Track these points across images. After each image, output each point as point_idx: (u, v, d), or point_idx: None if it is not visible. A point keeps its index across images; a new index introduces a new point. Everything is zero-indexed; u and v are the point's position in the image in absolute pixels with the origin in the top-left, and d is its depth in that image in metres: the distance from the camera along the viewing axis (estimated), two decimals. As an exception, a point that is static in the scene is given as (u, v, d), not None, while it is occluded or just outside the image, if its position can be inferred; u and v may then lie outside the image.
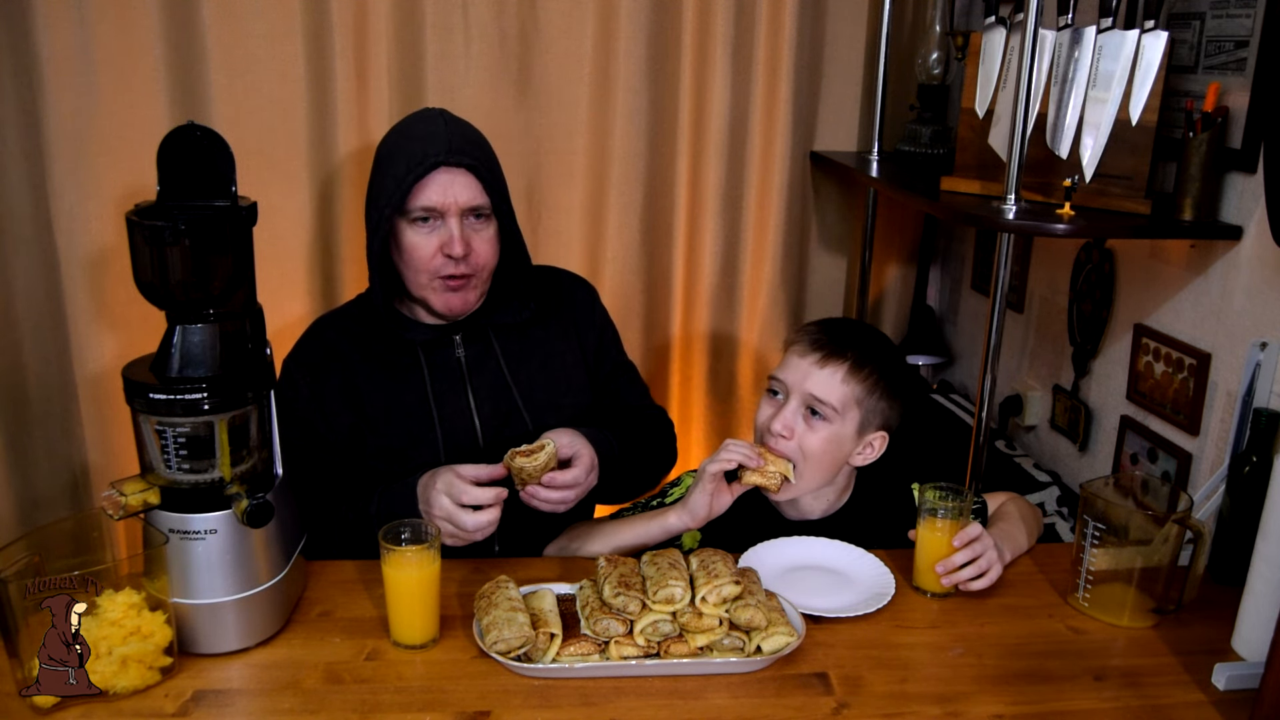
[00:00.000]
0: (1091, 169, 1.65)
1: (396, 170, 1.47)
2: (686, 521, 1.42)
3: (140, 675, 1.15)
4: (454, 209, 1.48)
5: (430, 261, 1.49)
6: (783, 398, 1.48)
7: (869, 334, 1.54)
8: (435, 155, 1.46)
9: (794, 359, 1.47)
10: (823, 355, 1.45)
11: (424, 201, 1.47)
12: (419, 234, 1.49)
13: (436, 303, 1.53)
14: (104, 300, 2.04)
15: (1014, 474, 2.03)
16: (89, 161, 1.97)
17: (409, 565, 1.23)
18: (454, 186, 1.47)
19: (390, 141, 1.54)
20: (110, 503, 1.18)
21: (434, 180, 1.47)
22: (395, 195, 1.46)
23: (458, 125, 1.53)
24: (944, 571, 1.36)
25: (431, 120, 1.52)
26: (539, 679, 1.20)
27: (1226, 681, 1.20)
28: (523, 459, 1.39)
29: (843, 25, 2.32)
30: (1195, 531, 1.30)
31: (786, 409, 1.46)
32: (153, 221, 1.15)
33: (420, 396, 1.56)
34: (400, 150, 1.49)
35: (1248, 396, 1.47)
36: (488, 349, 1.60)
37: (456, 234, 1.48)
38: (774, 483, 1.39)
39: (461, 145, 1.48)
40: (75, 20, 1.91)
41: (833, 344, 1.46)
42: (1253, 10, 1.51)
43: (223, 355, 1.20)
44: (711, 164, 2.27)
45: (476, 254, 1.51)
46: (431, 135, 1.48)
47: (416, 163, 1.45)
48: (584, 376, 1.67)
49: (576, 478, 1.43)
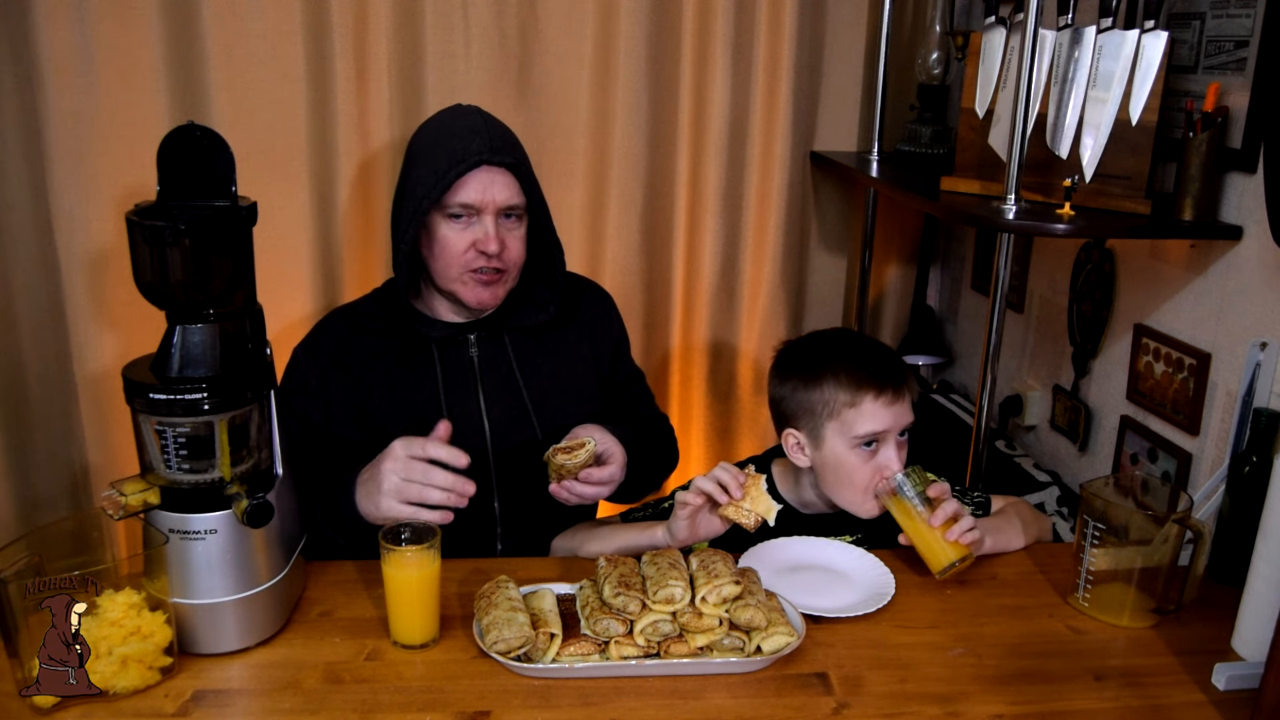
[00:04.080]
0: (1091, 169, 1.65)
1: (437, 164, 1.47)
2: (669, 542, 1.41)
3: (140, 675, 1.15)
4: (491, 207, 1.49)
5: (463, 256, 1.50)
6: (877, 445, 1.47)
7: (875, 343, 1.59)
8: (478, 153, 1.46)
9: (881, 409, 1.45)
10: (895, 390, 1.47)
11: (463, 198, 1.48)
12: (453, 229, 1.50)
13: (467, 295, 1.53)
14: (104, 300, 2.03)
15: (1014, 474, 2.03)
16: (89, 161, 1.97)
17: (409, 565, 1.23)
18: (494, 185, 1.48)
19: (428, 135, 1.54)
20: (110, 503, 1.18)
21: (475, 178, 1.47)
22: (435, 189, 1.46)
23: (497, 124, 1.54)
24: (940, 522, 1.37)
25: (471, 116, 1.53)
26: (539, 679, 1.20)
27: (1226, 681, 1.20)
28: (564, 456, 1.41)
29: (843, 25, 2.31)
30: (1195, 531, 1.30)
31: (890, 449, 1.47)
32: (153, 221, 1.15)
33: (431, 394, 1.56)
34: (441, 145, 1.49)
35: (1248, 396, 1.47)
36: (501, 350, 1.60)
37: (492, 232, 1.49)
38: (749, 522, 1.35)
39: (502, 144, 1.50)
40: (75, 20, 1.91)
41: (893, 375, 1.48)
42: (1253, 10, 1.51)
43: (223, 355, 1.20)
44: (711, 164, 2.27)
45: (509, 251, 1.52)
46: (473, 132, 1.49)
47: (458, 159, 1.46)
48: (594, 385, 1.67)
49: (613, 475, 1.46)
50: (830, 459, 1.49)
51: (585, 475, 1.44)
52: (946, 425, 2.26)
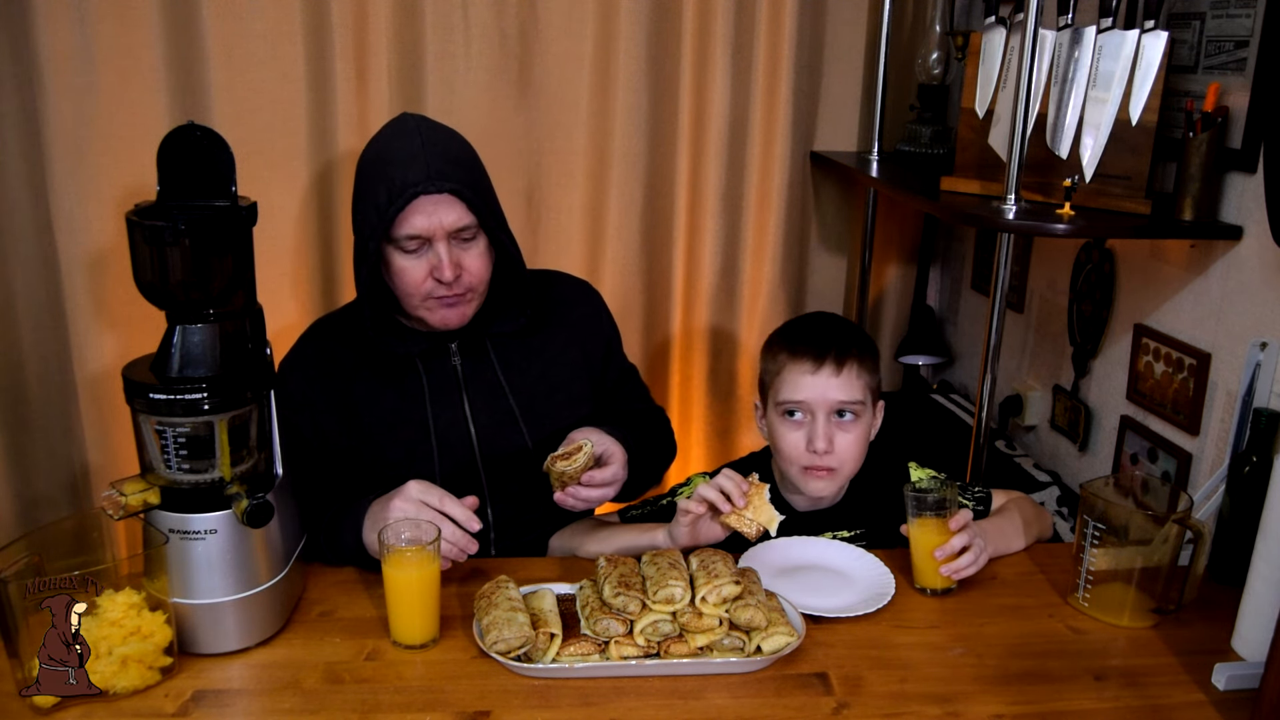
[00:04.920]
0: (1091, 169, 1.65)
1: (378, 199, 1.43)
2: (670, 545, 1.40)
3: (140, 675, 1.15)
4: (440, 233, 1.44)
5: (422, 285, 1.46)
6: (805, 417, 1.47)
7: (839, 321, 1.58)
8: (415, 183, 1.41)
9: (805, 378, 1.46)
10: (834, 362, 1.45)
11: (409, 230, 1.43)
12: (408, 260, 1.46)
13: (433, 320, 1.51)
14: (104, 300, 2.04)
15: (1014, 474, 2.03)
16: (89, 161, 1.97)
17: (409, 565, 1.23)
18: (438, 212, 1.43)
19: (368, 163, 1.49)
20: (110, 503, 1.18)
21: (418, 207, 1.42)
22: (379, 226, 1.42)
23: (436, 143, 1.46)
24: (943, 558, 1.36)
25: (408, 137, 1.46)
26: (539, 679, 1.20)
27: (1226, 681, 1.20)
28: (563, 463, 1.40)
29: (843, 25, 2.32)
30: (1195, 531, 1.30)
31: (819, 425, 1.46)
32: (153, 221, 1.15)
33: (417, 405, 1.55)
34: (380, 176, 1.44)
35: (1248, 396, 1.47)
36: (484, 359, 1.59)
37: (446, 259, 1.44)
38: (750, 531, 1.35)
39: (441, 168, 1.43)
40: (75, 20, 1.91)
41: (835, 347, 1.46)
42: (1253, 10, 1.51)
43: (223, 355, 1.20)
44: (711, 164, 2.27)
45: (468, 273, 1.48)
46: (410, 159, 1.43)
47: (397, 193, 1.41)
48: (585, 385, 1.66)
49: (615, 474, 1.45)
50: (770, 429, 1.53)
51: (588, 479, 1.43)
52: (946, 425, 2.26)
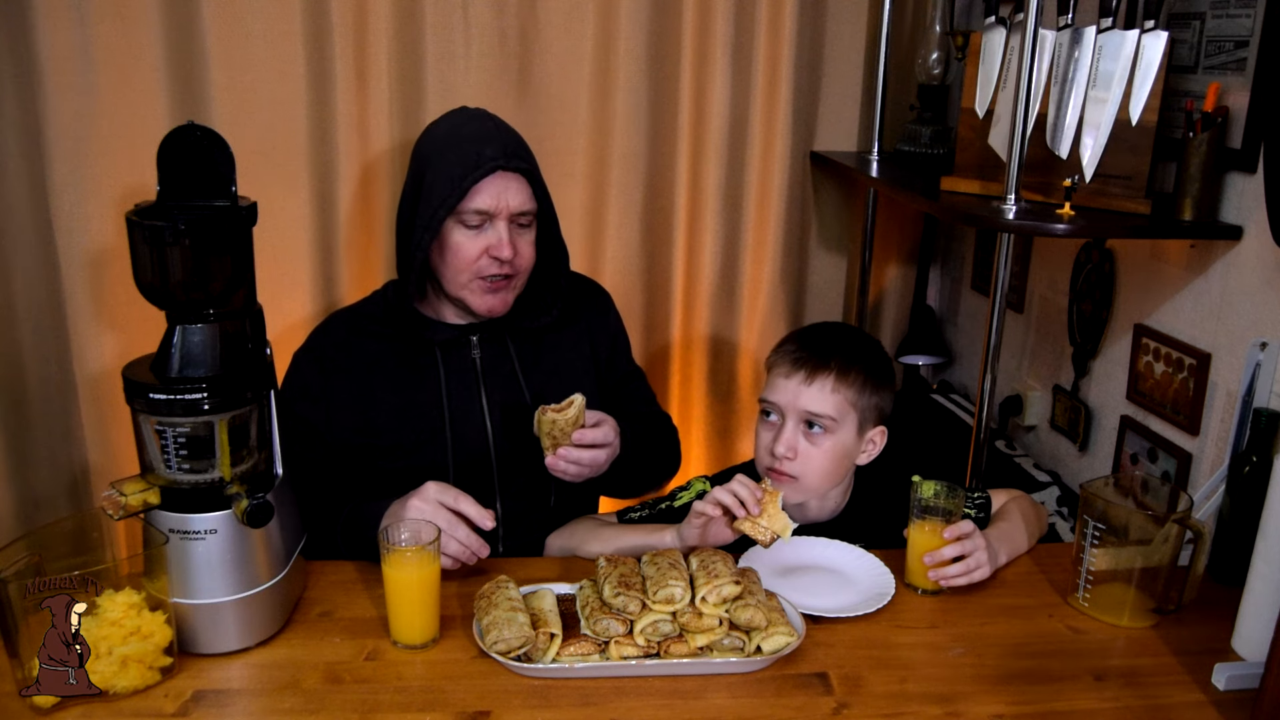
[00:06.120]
0: (1091, 169, 1.66)
1: (451, 171, 1.46)
2: (679, 546, 1.40)
3: (140, 675, 1.15)
4: (505, 212, 1.49)
5: (475, 262, 1.50)
6: (778, 419, 1.48)
7: (846, 334, 1.56)
8: (493, 158, 1.46)
9: (780, 380, 1.48)
10: (808, 370, 1.46)
11: (478, 204, 1.47)
12: (467, 235, 1.49)
13: (476, 303, 1.53)
14: (104, 300, 2.03)
15: (1014, 474, 2.03)
16: (89, 161, 1.97)
17: (409, 565, 1.23)
18: (508, 191, 1.48)
19: (438, 140, 1.53)
20: (110, 503, 1.18)
21: (490, 183, 1.47)
22: (451, 196, 1.45)
23: (507, 128, 1.53)
24: (932, 563, 1.36)
25: (481, 120, 1.52)
26: (539, 679, 1.20)
27: (1226, 681, 1.20)
28: (554, 413, 1.41)
29: (843, 25, 2.31)
30: (1195, 531, 1.30)
31: (785, 430, 1.46)
32: (153, 221, 1.15)
33: (434, 396, 1.56)
34: (453, 150, 1.48)
35: (1248, 396, 1.47)
36: (503, 352, 1.60)
37: (505, 237, 1.49)
38: (764, 538, 1.34)
39: (516, 149, 1.49)
40: (75, 20, 1.91)
41: (815, 357, 1.46)
42: (1253, 10, 1.51)
43: (223, 355, 1.20)
44: (711, 164, 2.26)
45: (521, 256, 1.52)
46: (486, 136, 1.48)
47: (473, 165, 1.45)
48: (593, 384, 1.67)
49: (606, 435, 1.45)
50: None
51: (579, 436, 1.42)
52: (946, 425, 2.26)
